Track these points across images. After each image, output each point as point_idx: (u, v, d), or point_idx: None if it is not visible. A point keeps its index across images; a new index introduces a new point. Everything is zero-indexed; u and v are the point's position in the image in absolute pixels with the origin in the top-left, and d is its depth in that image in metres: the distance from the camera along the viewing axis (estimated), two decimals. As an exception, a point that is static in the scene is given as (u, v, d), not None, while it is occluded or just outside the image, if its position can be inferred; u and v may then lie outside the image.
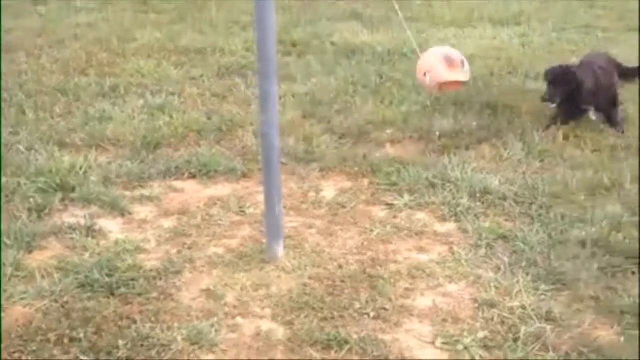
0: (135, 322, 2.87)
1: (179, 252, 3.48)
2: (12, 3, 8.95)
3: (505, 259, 3.35)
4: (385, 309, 3.00)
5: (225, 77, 6.25)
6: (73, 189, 4.01)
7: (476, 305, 3.02)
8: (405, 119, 5.09)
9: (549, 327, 2.84)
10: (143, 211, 3.91)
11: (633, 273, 3.21)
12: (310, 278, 3.23)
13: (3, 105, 5.32)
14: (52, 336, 2.77)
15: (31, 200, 3.85)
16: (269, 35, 2.79)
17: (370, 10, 8.61)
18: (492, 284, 3.14)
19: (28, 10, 8.70)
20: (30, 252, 3.42)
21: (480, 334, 2.82)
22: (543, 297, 3.06)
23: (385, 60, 6.52)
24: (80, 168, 4.25)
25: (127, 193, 4.08)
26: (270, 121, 3.00)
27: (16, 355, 2.69)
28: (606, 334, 2.84)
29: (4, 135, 4.74)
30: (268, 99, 2.94)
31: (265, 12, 2.77)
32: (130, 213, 3.87)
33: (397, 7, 5.98)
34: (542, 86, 5.08)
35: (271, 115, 2.98)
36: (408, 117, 5.11)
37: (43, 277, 3.16)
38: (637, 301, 2.96)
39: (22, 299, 3.01)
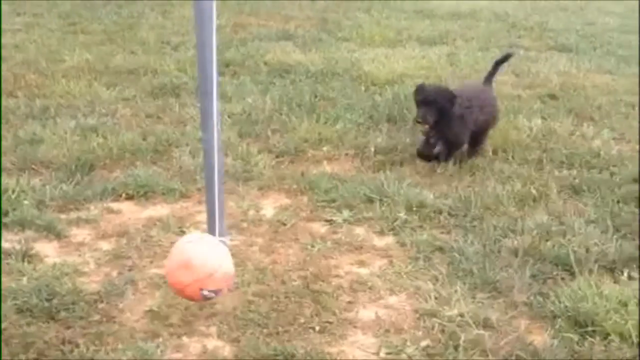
0: (78, 346, 2.83)
1: (120, 273, 3.44)
2: None
3: (443, 269, 3.46)
4: (329, 323, 3.05)
5: (158, 97, 6.22)
6: (6, 213, 3.91)
7: (417, 315, 3.12)
8: (340, 136, 5.20)
9: (487, 334, 2.96)
10: (80, 234, 3.84)
11: (562, 279, 3.38)
12: (254, 295, 3.26)
13: None
14: (-9, 364, 2.70)
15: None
16: (209, 53, 2.81)
17: (301, 31, 8.74)
18: (431, 294, 3.24)
19: (-51, 31, 8.43)
20: (-38, 278, 3.32)
21: (423, 343, 2.91)
22: (480, 304, 3.18)
23: (319, 79, 6.63)
24: (13, 191, 4.14)
25: (63, 216, 4.00)
26: (211, 140, 3.01)
27: (-47, 385, 2.61)
28: (540, 338, 2.97)
29: None
30: (208, 118, 2.95)
31: (206, 28, 2.80)
32: (66, 236, 3.80)
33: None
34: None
35: (211, 133, 3.00)
36: (343, 135, 5.22)
37: (-21, 303, 3.08)
38: (568, 305, 3.11)
39: (-44, 327, 2.92)
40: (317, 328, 3.01)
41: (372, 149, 4.94)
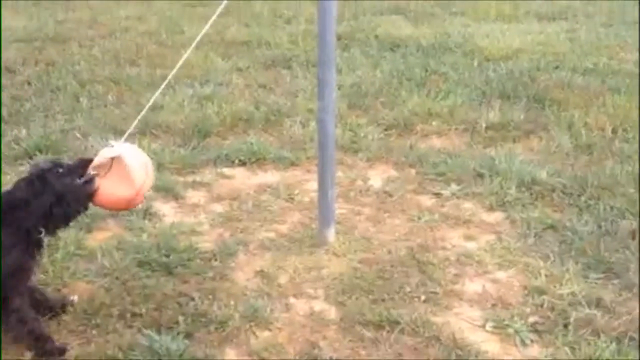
0: (193, 299, 2.97)
1: (232, 235, 3.58)
2: (64, -4, 9.22)
3: (555, 248, 3.37)
4: (435, 293, 3.05)
5: (271, 68, 6.37)
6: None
7: (526, 291, 3.06)
8: (450, 111, 5.13)
9: (599, 314, 2.87)
10: (195, 196, 4.01)
11: (683, 264, 3.21)
12: (360, 262, 3.30)
13: (57, 93, 5.49)
14: (114, 311, 2.88)
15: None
16: (329, 24, 2.86)
17: (413, 5, 8.64)
18: (541, 272, 3.17)
19: (79, 3, 8.93)
20: (89, 232, 3.55)
21: (531, 319, 2.86)
22: (593, 285, 3.08)
23: (430, 54, 6.55)
24: (135, 154, 4.37)
25: (180, 178, 4.19)
26: (327, 108, 3.07)
27: (81, 328, 2.80)
28: (657, 322, 2.85)
29: (60, 121, 4.89)
30: (325, 86, 3.01)
31: (327, 1, 2.84)
32: (183, 197, 3.98)
33: None
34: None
35: (327, 102, 3.05)
36: (454, 110, 5.14)
37: (104, 255, 3.28)
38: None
39: (85, 275, 3.13)
40: (423, 298, 3.02)
41: (483, 125, 4.85)
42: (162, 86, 3.43)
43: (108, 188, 2.59)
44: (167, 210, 3.82)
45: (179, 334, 2.74)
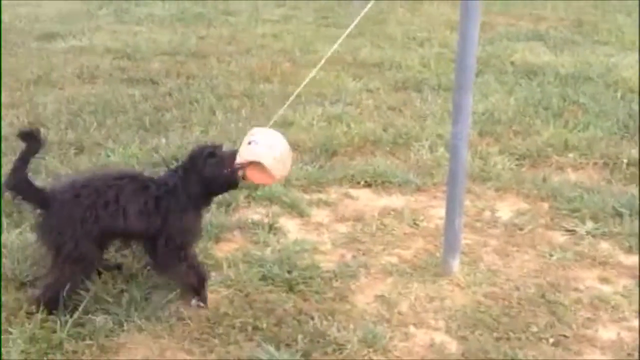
0: (312, 318, 2.97)
1: (354, 257, 3.56)
2: (207, 13, 9.65)
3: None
4: (564, 337, 2.88)
5: (400, 91, 6.34)
6: (256, 188, 4.22)
7: (667, 344, 2.83)
8: (589, 144, 4.88)
9: None
10: (320, 214, 4.03)
11: None
12: (485, 296, 3.18)
13: (195, 105, 5.73)
14: (237, 322, 2.93)
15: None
16: (470, 47, 2.80)
17: (553, 32, 8.34)
18: (686, 325, 2.92)
19: (220, 20, 9.33)
20: (217, 242, 3.65)
21: (671, 375, 2.64)
22: None
23: (569, 83, 6.28)
24: (264, 168, 4.46)
25: (306, 196, 4.23)
26: (461, 133, 3.00)
27: (204, 336, 2.87)
28: None
29: (196, 132, 5.09)
30: (461, 111, 2.94)
31: (470, 24, 2.78)
32: (308, 215, 4.01)
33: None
34: None
35: (462, 128, 2.98)
36: (592, 143, 4.89)
37: (229, 266, 3.36)
38: None
39: (210, 285, 3.21)
40: (551, 340, 2.86)
41: (625, 161, 4.57)
42: (290, 100, 3.63)
43: (250, 176, 3.06)
44: (291, 227, 3.86)
45: (297, 352, 2.75)
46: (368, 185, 4.41)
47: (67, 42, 7.95)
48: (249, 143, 3.04)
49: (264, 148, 3.03)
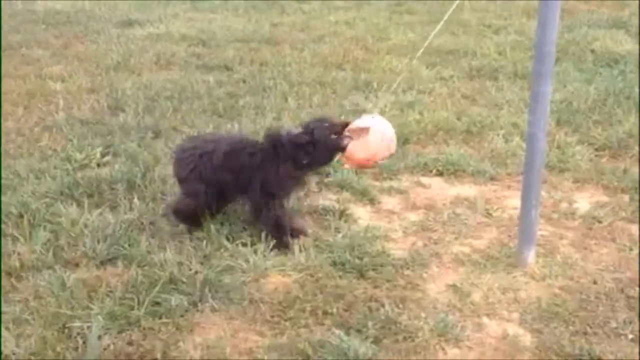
0: (383, 305, 2.96)
1: (425, 245, 3.53)
2: (280, 1, 9.71)
3: None
4: (645, 334, 2.79)
5: (475, 79, 6.22)
6: (327, 174, 4.23)
7: None
8: (677, 135, 4.67)
9: None
10: (391, 202, 4.01)
11: None
12: (561, 289, 3.10)
13: (268, 92, 5.78)
14: (307, 307, 2.95)
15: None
16: (550, 34, 2.72)
17: (636, 19, 8.00)
18: None
19: (293, 7, 9.38)
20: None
21: None
22: None
23: (653, 72, 6.02)
24: (336, 156, 4.47)
25: (377, 183, 4.22)
26: (538, 122, 2.92)
27: (276, 319, 2.91)
28: None
29: (268, 118, 5.13)
30: (539, 100, 2.86)
31: (550, 10, 2.70)
32: (379, 202, 4.00)
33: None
34: None
35: (540, 117, 2.90)
36: (681, 134, 4.68)
37: (300, 251, 3.38)
38: None
39: (281, 269, 3.24)
40: (630, 337, 2.77)
41: None
42: (395, 84, 3.55)
43: (351, 148, 3.41)
44: (362, 214, 3.85)
45: (367, 338, 2.75)
46: (440, 173, 4.36)
47: (145, 29, 8.16)
48: (361, 119, 3.50)
49: (376, 124, 3.47)
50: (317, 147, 3.41)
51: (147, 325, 2.84)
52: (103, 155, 4.48)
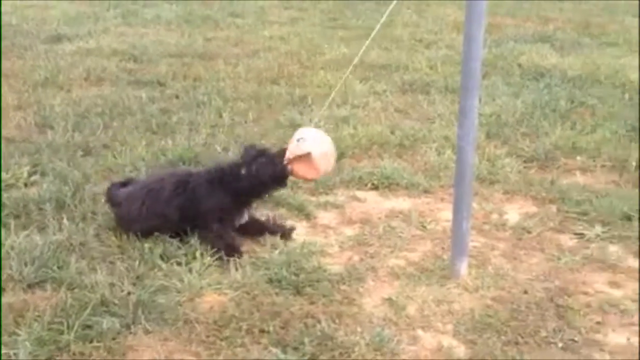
0: (319, 321, 2.95)
1: (361, 259, 3.54)
2: (214, 15, 9.66)
3: None
4: (574, 341, 2.87)
5: (407, 93, 6.33)
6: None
7: (677, 349, 2.81)
8: (597, 146, 4.86)
9: None
10: (327, 217, 4.02)
11: None
12: (493, 299, 3.17)
13: (202, 107, 5.73)
14: (244, 325, 2.91)
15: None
16: (475, 50, 2.79)
17: (560, 34, 8.32)
18: (696, 329, 2.90)
19: (227, 22, 9.35)
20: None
21: (682, 381, 2.62)
22: None
23: (577, 85, 6.26)
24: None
25: (313, 198, 4.22)
26: (467, 136, 2.98)
27: (211, 339, 2.86)
28: None
29: (202, 135, 5.08)
30: (467, 114, 2.93)
31: (475, 27, 2.77)
32: (315, 217, 4.00)
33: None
34: None
35: (468, 130, 2.97)
36: (601, 145, 4.88)
37: (236, 269, 3.35)
38: None
39: (217, 288, 3.20)
40: (560, 345, 2.85)
41: (634, 163, 4.55)
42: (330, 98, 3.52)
43: (296, 170, 3.52)
44: (298, 230, 3.84)
45: (304, 355, 2.74)
46: (375, 187, 4.40)
47: (74, 44, 7.97)
48: (298, 140, 3.47)
49: (312, 143, 3.48)
50: (260, 182, 3.54)
51: (78, 349, 2.75)
52: (30, 175, 4.33)
